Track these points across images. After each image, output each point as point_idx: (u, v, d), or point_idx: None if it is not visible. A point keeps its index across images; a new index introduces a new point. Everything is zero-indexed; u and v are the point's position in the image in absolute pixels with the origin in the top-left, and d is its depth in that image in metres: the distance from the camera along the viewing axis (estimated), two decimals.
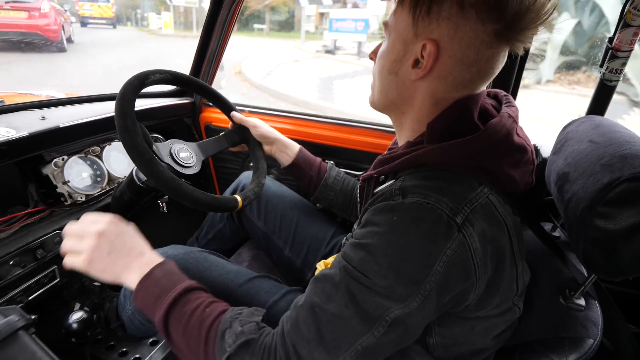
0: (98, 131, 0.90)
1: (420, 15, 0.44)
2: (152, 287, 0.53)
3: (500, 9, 0.41)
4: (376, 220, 0.43)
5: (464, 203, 0.41)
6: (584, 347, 0.47)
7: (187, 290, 0.53)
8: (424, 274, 0.39)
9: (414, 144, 0.50)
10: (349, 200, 0.90)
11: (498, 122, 0.45)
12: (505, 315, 0.48)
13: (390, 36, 0.49)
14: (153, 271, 0.54)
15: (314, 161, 0.90)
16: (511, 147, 0.46)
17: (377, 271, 0.40)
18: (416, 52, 0.46)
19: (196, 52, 1.15)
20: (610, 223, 0.42)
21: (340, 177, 0.91)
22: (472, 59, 0.44)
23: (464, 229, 0.40)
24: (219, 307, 0.51)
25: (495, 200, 0.44)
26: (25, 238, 0.76)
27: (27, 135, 0.75)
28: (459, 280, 0.41)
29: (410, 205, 0.41)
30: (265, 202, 0.94)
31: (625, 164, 0.43)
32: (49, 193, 0.84)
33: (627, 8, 0.73)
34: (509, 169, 0.45)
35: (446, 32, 0.43)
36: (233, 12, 1.07)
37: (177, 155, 0.74)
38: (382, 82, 0.51)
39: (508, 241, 0.45)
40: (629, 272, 0.44)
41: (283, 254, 0.92)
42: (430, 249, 0.39)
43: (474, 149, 0.43)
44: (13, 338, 0.47)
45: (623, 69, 0.78)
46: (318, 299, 0.44)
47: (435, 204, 0.40)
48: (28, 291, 0.78)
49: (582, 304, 0.51)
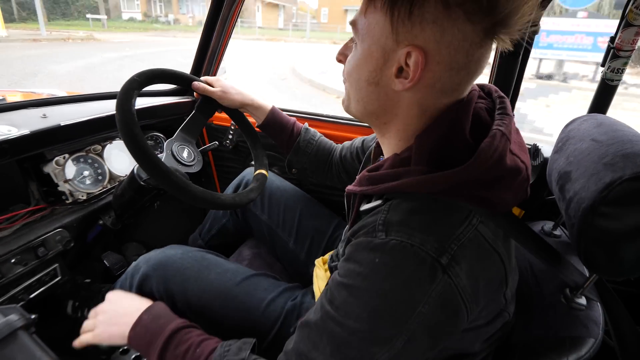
0: (99, 130, 0.90)
1: (399, 19, 0.39)
2: (142, 334, 0.56)
3: (492, 5, 0.37)
4: (358, 258, 0.41)
5: (451, 240, 0.39)
6: (585, 347, 0.47)
7: (176, 332, 0.54)
8: (407, 316, 0.38)
9: (400, 160, 0.46)
10: (324, 165, 0.89)
11: (489, 147, 0.40)
12: (494, 322, 0.47)
13: (364, 41, 0.43)
14: (141, 317, 0.57)
15: (286, 124, 0.88)
16: (503, 171, 0.42)
17: (359, 315, 0.39)
18: (399, 60, 0.41)
19: (197, 51, 1.15)
20: (612, 223, 0.41)
21: (315, 140, 0.89)
22: (462, 62, 0.41)
23: (449, 269, 0.38)
24: (208, 346, 0.52)
25: (484, 229, 0.41)
26: (26, 236, 0.76)
27: (28, 134, 0.75)
28: (448, 318, 0.39)
29: (393, 247, 0.39)
30: (269, 196, 0.95)
31: (628, 163, 0.42)
32: (50, 191, 0.84)
33: (630, 7, 0.72)
34: (502, 193, 0.42)
35: (432, 36, 0.39)
36: (234, 11, 1.07)
37: (178, 155, 0.74)
38: (360, 92, 0.46)
39: (501, 267, 0.43)
40: (630, 272, 0.44)
41: (287, 247, 0.92)
42: (413, 293, 0.38)
43: (464, 179, 0.40)
44: (12, 338, 0.47)
45: (625, 68, 0.78)
46: (304, 347, 0.43)
47: (419, 246, 0.38)
48: (29, 289, 0.78)
49: (584, 303, 0.51)
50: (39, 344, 0.48)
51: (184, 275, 0.74)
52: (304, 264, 0.91)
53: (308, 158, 0.88)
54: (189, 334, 0.54)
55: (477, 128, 0.44)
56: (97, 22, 19.47)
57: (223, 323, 0.72)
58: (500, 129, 0.42)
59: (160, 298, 0.76)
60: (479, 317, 0.45)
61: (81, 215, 0.86)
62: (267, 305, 0.72)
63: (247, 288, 0.74)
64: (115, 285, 0.86)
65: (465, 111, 0.43)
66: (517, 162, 0.43)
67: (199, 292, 0.73)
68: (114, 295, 0.64)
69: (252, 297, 0.72)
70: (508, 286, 0.46)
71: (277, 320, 0.71)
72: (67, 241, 0.82)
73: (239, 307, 0.72)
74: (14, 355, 0.45)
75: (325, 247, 0.89)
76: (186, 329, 0.55)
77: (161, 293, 0.76)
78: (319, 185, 1.19)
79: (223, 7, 1.05)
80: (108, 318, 0.60)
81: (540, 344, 0.49)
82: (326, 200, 1.06)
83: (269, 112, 0.87)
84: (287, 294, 0.75)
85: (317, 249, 0.90)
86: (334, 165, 0.88)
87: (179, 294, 0.74)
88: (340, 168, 0.87)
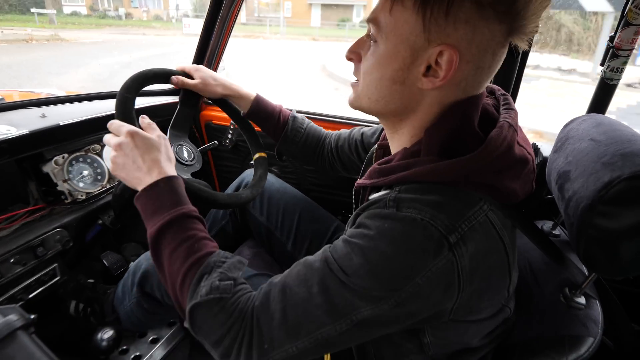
0: (99, 129, 0.90)
1: (433, 18, 0.40)
2: (153, 199, 0.53)
3: (515, 3, 0.38)
4: (367, 223, 0.42)
5: (462, 220, 0.39)
6: (584, 346, 0.47)
7: (185, 216, 0.52)
8: (403, 284, 0.38)
9: (411, 153, 0.47)
10: (314, 154, 0.87)
11: (498, 136, 0.42)
12: (496, 316, 0.48)
13: (389, 39, 0.43)
14: (158, 183, 0.54)
15: (272, 112, 0.84)
16: (512, 160, 0.43)
17: (356, 270, 0.40)
18: (428, 59, 0.41)
19: (196, 50, 1.15)
20: (611, 222, 0.42)
21: (303, 128, 0.86)
22: (488, 61, 0.42)
23: (456, 248, 0.38)
24: (207, 247, 0.50)
25: (494, 217, 0.42)
26: (25, 236, 0.76)
27: (27, 133, 0.75)
28: (438, 293, 0.40)
29: (404, 218, 0.39)
30: (268, 197, 0.95)
31: (626, 163, 0.42)
32: (49, 191, 0.84)
33: (629, 7, 0.72)
34: (510, 182, 0.43)
35: (464, 35, 0.39)
36: (233, 10, 1.07)
37: (177, 154, 0.74)
38: (382, 91, 0.46)
39: (504, 256, 0.43)
40: (629, 271, 0.44)
41: (285, 249, 0.92)
42: (414, 263, 0.38)
43: (474, 167, 0.41)
44: (12, 338, 0.47)
45: (624, 67, 0.78)
46: (291, 281, 0.44)
47: (429, 220, 0.38)
48: (28, 289, 0.78)
49: (583, 302, 0.51)
50: (38, 344, 0.48)
51: None
52: None
53: (297, 147, 0.86)
54: (194, 224, 0.52)
55: (484, 121, 0.45)
56: (43, 17, 16.80)
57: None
58: (507, 120, 0.44)
59: (161, 296, 0.76)
60: (481, 310, 0.45)
61: (80, 215, 0.86)
62: None
63: None
64: (118, 285, 0.87)
65: (475, 106, 0.44)
66: (525, 152, 0.45)
67: None
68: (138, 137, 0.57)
69: None
70: (511, 279, 0.46)
71: None
72: (66, 241, 0.82)
73: None
74: (13, 355, 0.45)
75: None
76: (194, 219, 0.53)
77: (162, 291, 0.76)
78: (319, 185, 1.19)
79: (222, 7, 1.05)
80: (130, 161, 0.56)
81: (539, 343, 0.49)
82: (326, 200, 1.06)
83: (253, 101, 0.83)
84: None
85: (316, 252, 0.90)
86: (326, 154, 0.87)
87: None
88: (334, 157, 0.85)
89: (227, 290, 0.46)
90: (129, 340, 0.93)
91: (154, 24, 22.09)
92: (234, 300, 0.45)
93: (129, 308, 0.82)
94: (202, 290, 0.45)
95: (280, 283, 0.45)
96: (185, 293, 0.47)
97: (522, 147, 0.45)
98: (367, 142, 0.78)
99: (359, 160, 0.79)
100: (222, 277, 0.47)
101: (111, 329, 0.83)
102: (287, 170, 1.21)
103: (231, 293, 0.46)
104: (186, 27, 16.37)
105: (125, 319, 0.85)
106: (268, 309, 0.43)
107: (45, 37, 12.17)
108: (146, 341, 0.94)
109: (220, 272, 0.47)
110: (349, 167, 0.84)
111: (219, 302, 0.45)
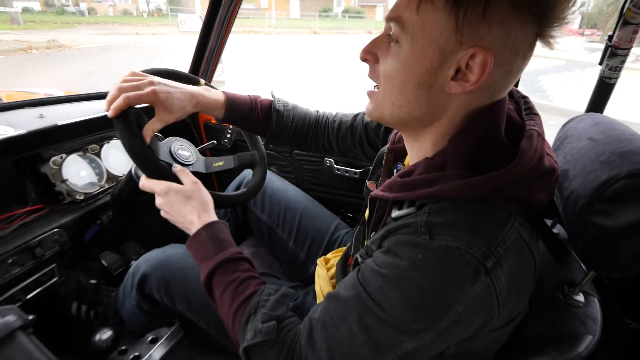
0: (96, 129, 0.90)
1: (467, 19, 0.37)
2: (197, 247, 0.58)
3: (549, 4, 0.37)
4: (399, 252, 0.40)
5: (497, 243, 0.38)
6: (583, 344, 0.47)
7: (226, 261, 0.55)
8: (443, 314, 0.38)
9: (434, 165, 0.44)
10: (304, 143, 0.82)
11: (529, 148, 0.40)
12: (516, 319, 0.47)
13: (415, 40, 0.40)
14: (200, 232, 0.58)
15: (249, 113, 0.74)
16: (542, 171, 0.41)
17: (393, 305, 0.39)
18: (459, 62, 0.39)
19: (195, 50, 1.15)
20: (609, 220, 0.42)
21: (289, 122, 0.77)
22: (518, 64, 0.40)
23: (493, 272, 0.37)
24: (251, 286, 0.53)
25: (524, 232, 0.41)
26: (23, 236, 0.76)
27: (25, 134, 0.74)
28: (480, 317, 0.39)
29: (438, 248, 0.38)
30: (270, 195, 0.95)
31: (624, 161, 0.43)
32: (47, 191, 0.83)
33: (627, 6, 0.73)
34: (539, 194, 0.42)
35: (498, 38, 0.37)
36: (232, 10, 1.07)
37: (176, 153, 0.74)
38: (406, 96, 0.43)
39: (533, 266, 0.43)
40: (627, 269, 0.44)
41: (287, 247, 0.92)
42: (452, 293, 0.37)
43: (506, 182, 0.39)
44: (10, 339, 0.47)
45: (622, 66, 0.78)
46: (330, 320, 0.44)
47: (466, 249, 0.37)
48: (26, 290, 0.78)
49: (581, 300, 0.52)
50: (37, 345, 0.47)
51: (185, 275, 0.74)
52: (303, 264, 0.91)
53: (285, 140, 0.80)
54: (237, 266, 0.56)
55: (510, 129, 0.43)
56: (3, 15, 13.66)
57: (224, 323, 0.72)
58: (535, 129, 0.42)
59: (160, 298, 0.76)
60: (507, 316, 0.44)
61: (78, 215, 0.85)
62: None
63: None
64: (119, 288, 0.86)
65: (500, 112, 0.43)
66: (552, 162, 0.43)
67: (199, 291, 0.73)
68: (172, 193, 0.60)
69: None
70: (534, 284, 0.46)
71: None
72: (65, 241, 0.82)
73: None
74: (11, 356, 0.45)
75: (325, 248, 0.89)
76: (236, 261, 0.56)
77: (161, 293, 0.76)
78: (318, 184, 1.19)
79: (221, 7, 1.05)
80: (174, 216, 0.61)
81: (538, 341, 0.50)
82: (326, 199, 1.06)
83: (226, 105, 0.71)
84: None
85: (317, 250, 0.90)
86: (320, 141, 0.81)
87: (179, 294, 0.74)
88: (331, 146, 0.81)
89: (270, 332, 0.48)
90: (128, 340, 0.93)
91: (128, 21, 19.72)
92: (281, 338, 0.48)
93: (130, 311, 0.82)
94: (248, 334, 0.48)
95: (320, 321, 0.45)
96: (238, 335, 0.51)
97: (549, 156, 0.43)
98: (373, 138, 0.76)
99: (362, 153, 0.78)
100: (265, 319, 0.49)
101: (110, 329, 0.83)
102: (286, 169, 1.21)
103: (275, 333, 0.48)
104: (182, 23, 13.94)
105: (127, 321, 0.85)
106: (314, 348, 0.44)
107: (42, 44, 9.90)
108: (145, 341, 0.94)
109: (263, 313, 0.49)
110: (348, 155, 0.82)
111: (266, 343, 0.47)
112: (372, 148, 0.77)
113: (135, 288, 0.79)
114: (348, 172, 1.09)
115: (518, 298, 0.42)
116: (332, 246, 0.89)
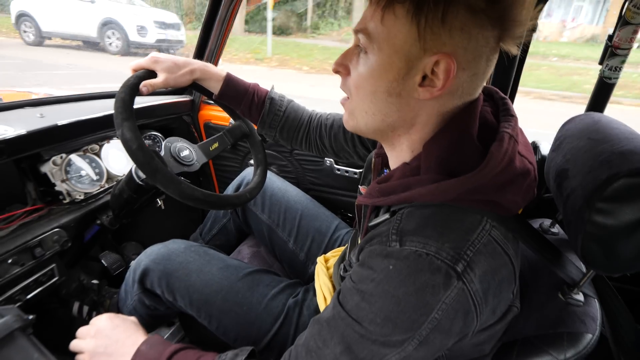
0: (97, 129, 0.90)
1: (428, 26, 0.39)
2: (146, 354, 0.55)
3: (506, 8, 0.38)
4: (372, 264, 0.41)
5: (466, 247, 0.39)
6: (583, 342, 0.47)
7: (175, 353, 0.54)
8: (421, 322, 0.38)
9: (411, 170, 0.45)
10: (296, 138, 0.82)
11: (498, 151, 0.40)
12: (505, 318, 0.48)
13: (381, 49, 0.42)
14: (140, 349, 0.56)
15: (244, 93, 0.76)
16: (513, 174, 0.42)
17: (372, 319, 0.39)
18: (424, 69, 0.40)
19: (195, 50, 1.15)
20: (609, 219, 0.42)
21: (282, 111, 0.78)
22: (483, 67, 0.41)
23: (464, 276, 0.38)
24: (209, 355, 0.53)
25: (496, 234, 0.41)
26: (23, 236, 0.76)
27: (25, 134, 0.74)
28: (458, 321, 0.40)
29: (408, 255, 0.39)
30: (270, 196, 0.95)
31: (624, 160, 0.43)
32: (48, 191, 0.83)
33: (627, 6, 0.73)
34: (513, 196, 0.42)
35: (460, 43, 0.39)
36: (232, 10, 1.07)
37: (177, 154, 0.74)
38: (377, 105, 0.44)
39: (510, 267, 0.43)
40: (627, 268, 0.44)
41: (287, 247, 0.92)
42: (427, 300, 0.38)
43: (475, 185, 0.40)
44: (10, 339, 0.47)
45: (622, 66, 0.78)
46: (314, 344, 0.44)
47: (434, 254, 0.38)
48: (27, 290, 0.78)
49: (581, 299, 0.52)
50: (37, 345, 0.47)
51: (187, 269, 0.74)
52: (303, 264, 0.91)
53: (276, 131, 0.80)
54: (186, 353, 0.55)
55: (484, 131, 0.44)
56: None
57: (224, 318, 0.72)
58: (507, 131, 0.43)
59: (162, 292, 0.76)
60: (491, 316, 0.45)
61: (79, 215, 0.85)
62: (269, 301, 0.72)
63: (250, 283, 0.74)
64: (121, 286, 0.86)
65: (472, 115, 0.43)
66: (526, 163, 0.43)
67: (200, 286, 0.73)
68: (102, 324, 0.60)
69: (254, 292, 0.73)
70: (516, 283, 0.46)
71: (279, 317, 0.71)
72: (65, 241, 0.82)
73: (241, 302, 0.72)
74: (11, 356, 0.45)
75: (325, 248, 0.90)
76: (184, 350, 0.55)
77: (162, 287, 0.76)
78: (318, 185, 1.19)
79: (220, 7, 1.05)
80: (103, 348, 0.58)
81: (538, 340, 0.50)
82: (326, 199, 1.07)
83: (223, 81, 0.75)
84: (289, 291, 0.76)
85: (317, 250, 0.90)
86: (313, 139, 0.81)
87: (181, 288, 0.74)
88: (324, 146, 0.81)
89: None
90: None
91: None
92: None
93: (132, 307, 0.82)
94: None
95: (305, 346, 0.45)
96: None
97: (523, 157, 0.43)
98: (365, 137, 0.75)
99: (355, 153, 0.78)
100: None
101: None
102: (286, 169, 1.21)
103: None
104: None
105: None
106: None
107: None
108: None
109: None
110: (341, 155, 0.82)
111: None
112: (364, 147, 0.77)
113: (137, 282, 0.79)
114: (348, 172, 1.10)
115: (497, 299, 0.43)
116: (332, 246, 0.89)
